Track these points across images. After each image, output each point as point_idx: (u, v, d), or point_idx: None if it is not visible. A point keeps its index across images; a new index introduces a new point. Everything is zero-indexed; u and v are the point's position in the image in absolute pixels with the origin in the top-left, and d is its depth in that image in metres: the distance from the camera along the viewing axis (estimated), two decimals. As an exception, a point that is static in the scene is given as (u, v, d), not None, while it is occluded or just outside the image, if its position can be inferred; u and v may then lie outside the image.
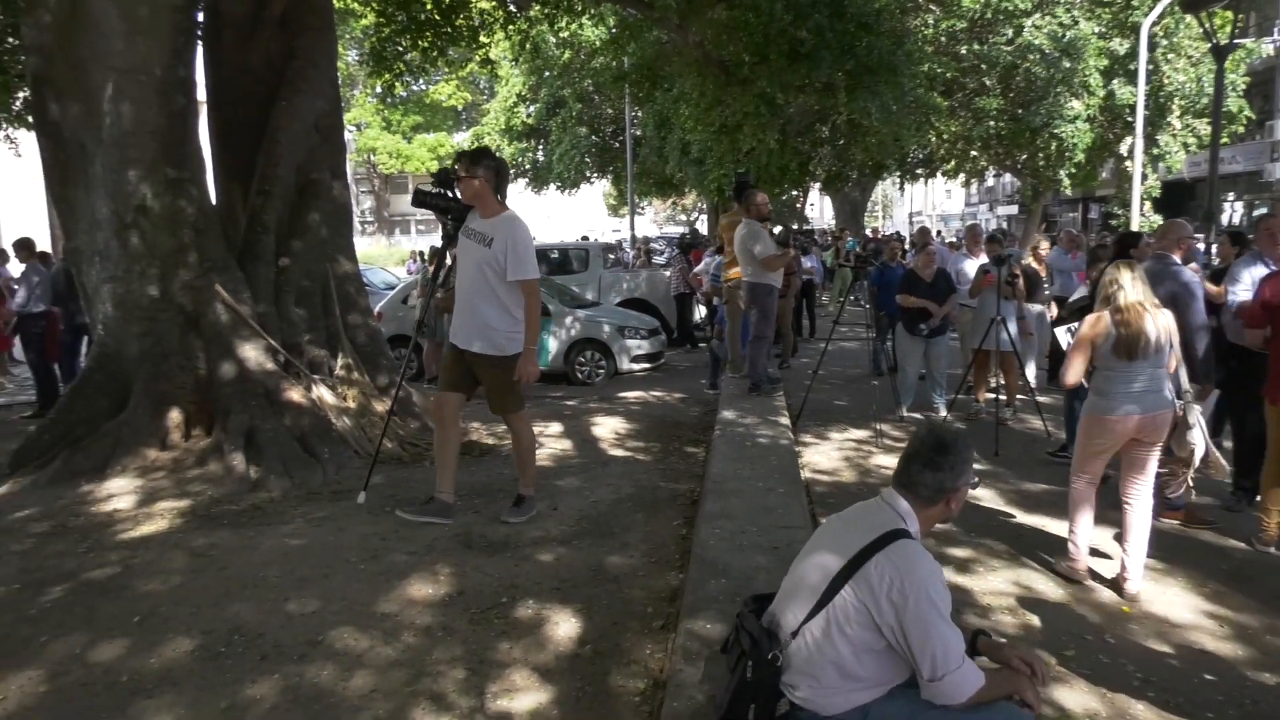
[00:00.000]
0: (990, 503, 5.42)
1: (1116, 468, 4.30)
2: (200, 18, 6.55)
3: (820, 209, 57.63)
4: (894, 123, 13.86)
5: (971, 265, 8.32)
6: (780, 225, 9.51)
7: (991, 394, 7.64)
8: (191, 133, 6.08)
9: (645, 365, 11.41)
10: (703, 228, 32.11)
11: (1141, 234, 6.63)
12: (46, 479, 5.47)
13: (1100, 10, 19.39)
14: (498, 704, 3.02)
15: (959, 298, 7.88)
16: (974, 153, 23.20)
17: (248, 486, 5.37)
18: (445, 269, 5.55)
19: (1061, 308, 7.43)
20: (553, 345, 11.17)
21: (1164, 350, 3.94)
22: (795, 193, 26.06)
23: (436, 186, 4.78)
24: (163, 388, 5.87)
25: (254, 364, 5.93)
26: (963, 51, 19.85)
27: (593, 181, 29.73)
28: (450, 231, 4.76)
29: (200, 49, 6.61)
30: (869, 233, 28.15)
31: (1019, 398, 7.97)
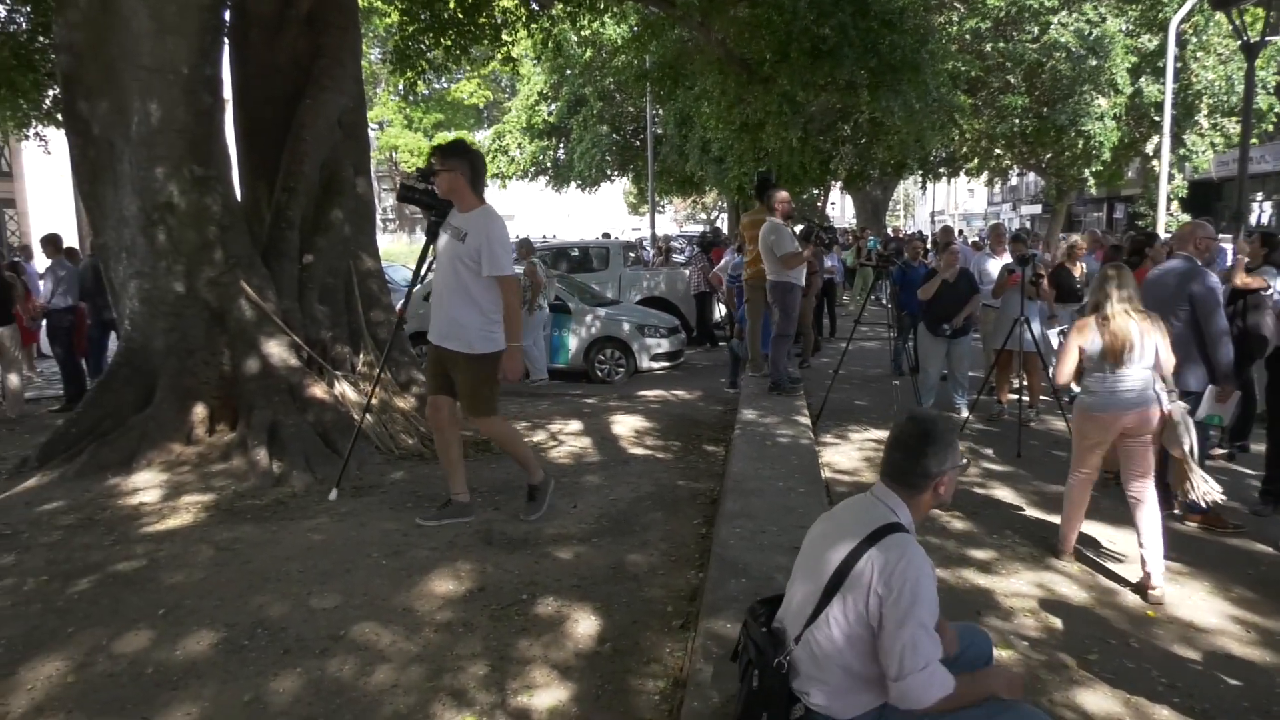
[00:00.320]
0: (1013, 504, 5.38)
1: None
2: (227, 16, 6.61)
3: (841, 208, 57.37)
4: (916, 122, 13.75)
5: (995, 265, 8.25)
6: (804, 221, 9.45)
7: (1014, 395, 7.58)
8: (218, 131, 6.15)
9: (665, 364, 11.41)
10: (724, 226, 32.03)
11: (1156, 235, 6.55)
12: (74, 472, 5.55)
13: (1128, 7, 19.16)
14: (518, 700, 3.03)
15: (982, 298, 7.83)
16: (998, 151, 22.97)
17: (271, 481, 5.42)
18: (427, 266, 5.43)
19: None
20: (573, 343, 11.19)
21: (1150, 353, 4.03)
22: (816, 191, 25.92)
23: (422, 181, 4.71)
24: (188, 383, 5.94)
25: (278, 360, 5.98)
26: (987, 49, 19.66)
27: (613, 180, 29.68)
28: (433, 228, 4.67)
29: (227, 47, 6.67)
30: (889, 232, 27.97)
31: (1042, 399, 7.91)
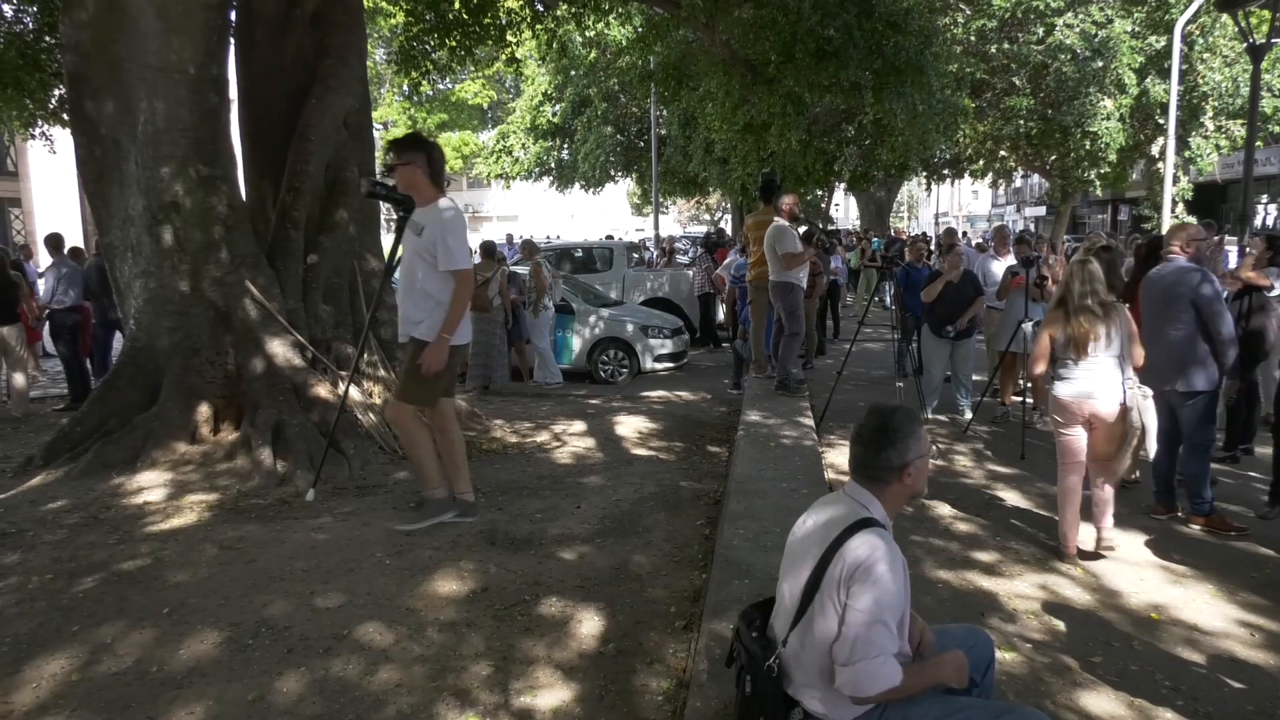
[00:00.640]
0: (1017, 505, 5.38)
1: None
2: (233, 16, 6.62)
3: (845, 209, 57.33)
4: (920, 124, 13.74)
5: (999, 266, 8.25)
6: (807, 223, 9.45)
7: (1018, 397, 7.57)
8: (223, 130, 6.16)
9: (668, 365, 11.42)
10: (727, 227, 32.03)
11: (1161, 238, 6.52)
12: (79, 471, 5.56)
13: (1134, 9, 19.13)
14: (521, 700, 3.04)
15: (986, 299, 7.82)
16: (1003, 153, 22.95)
17: (275, 481, 5.43)
18: (396, 264, 5.29)
19: None
20: (576, 344, 11.20)
21: (1115, 344, 4.25)
22: (820, 193, 25.90)
23: (390, 177, 4.66)
24: (192, 382, 5.95)
25: (282, 359, 5.99)
26: (992, 50, 19.64)
27: (617, 180, 29.67)
28: (400, 224, 4.61)
29: (232, 47, 6.68)
30: (892, 234, 27.94)
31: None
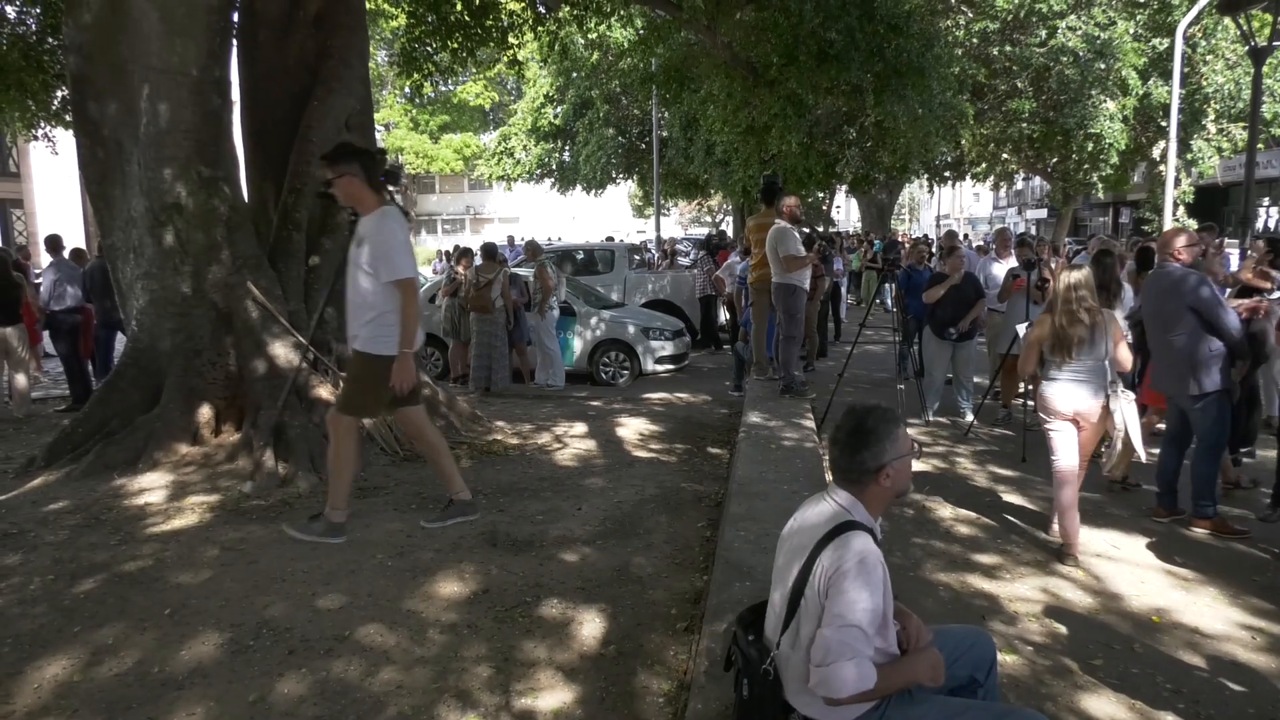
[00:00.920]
0: (1018, 508, 5.38)
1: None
2: (236, 18, 6.63)
3: (846, 211, 57.34)
4: (921, 126, 13.76)
5: (1000, 269, 8.25)
6: (807, 227, 9.45)
7: (1020, 400, 7.57)
8: (225, 132, 6.17)
9: (669, 367, 11.41)
10: (729, 229, 32.04)
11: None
12: (80, 472, 5.57)
13: (1136, 11, 19.13)
14: (522, 702, 3.04)
15: (988, 302, 7.82)
16: (1004, 155, 22.96)
17: (276, 482, 5.44)
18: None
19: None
20: (577, 346, 11.20)
21: (1100, 347, 4.44)
22: (821, 195, 25.92)
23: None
24: (194, 383, 5.95)
25: (284, 361, 5.99)
26: (994, 53, 19.65)
27: (618, 182, 29.68)
28: (352, 226, 4.56)
29: (235, 48, 6.69)
30: (894, 237, 27.93)
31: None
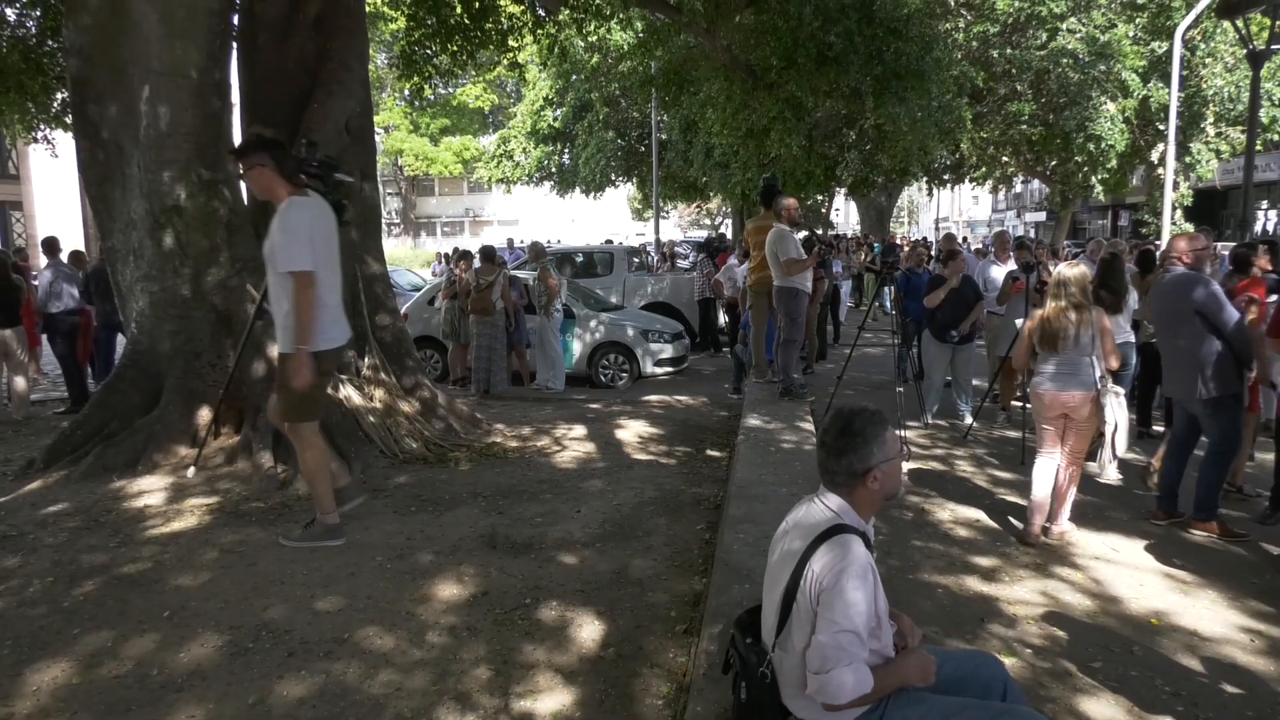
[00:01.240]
0: (1017, 511, 5.37)
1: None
2: (236, 20, 6.63)
3: (846, 214, 57.38)
4: (920, 129, 13.79)
5: (999, 272, 8.26)
6: (806, 230, 9.46)
7: (1018, 403, 7.57)
8: (226, 134, 6.17)
9: (668, 369, 11.42)
10: (728, 232, 32.06)
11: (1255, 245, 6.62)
12: (80, 474, 5.57)
13: (1135, 14, 19.17)
14: (521, 704, 3.04)
15: (987, 304, 7.83)
16: (1004, 158, 22.98)
17: (275, 484, 5.44)
18: None
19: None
20: (577, 348, 11.19)
21: (1085, 343, 4.60)
22: (821, 198, 25.94)
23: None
24: (194, 385, 5.95)
25: (283, 363, 5.99)
26: (994, 55, 19.68)
27: (618, 185, 29.68)
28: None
29: (235, 51, 6.70)
30: (894, 240, 27.97)
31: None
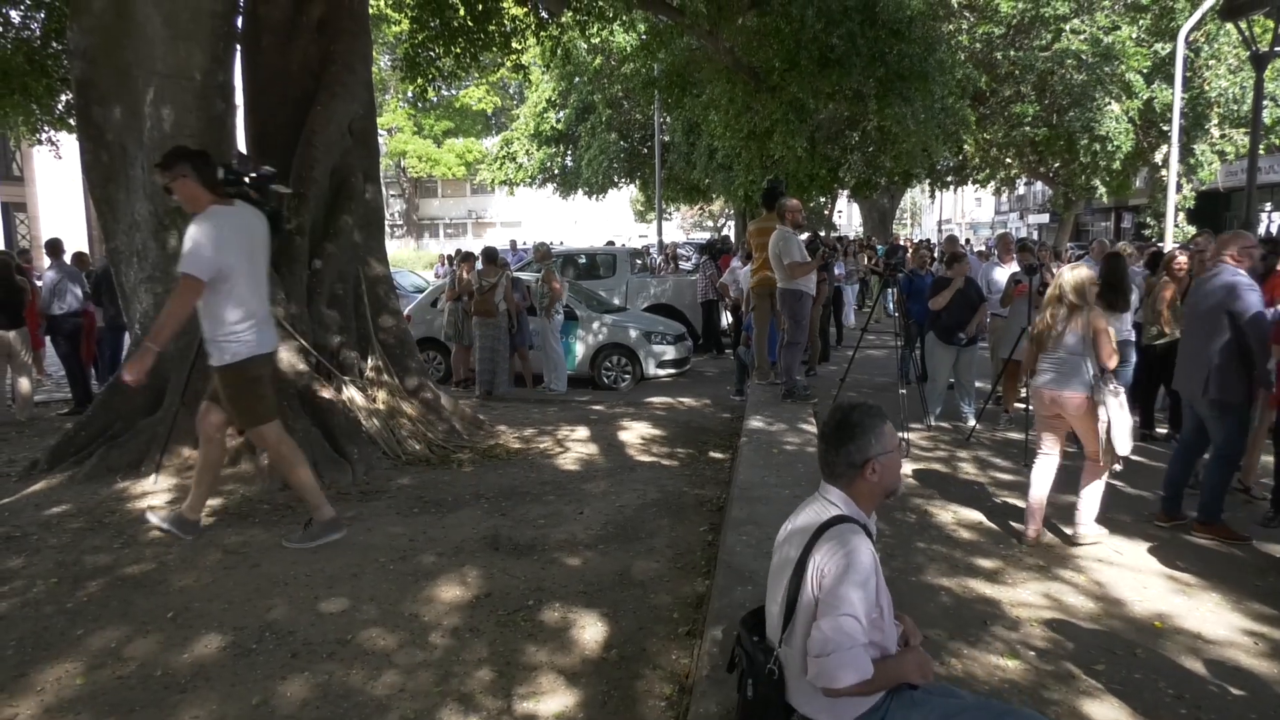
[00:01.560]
0: (1021, 514, 5.36)
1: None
2: (240, 22, 6.65)
3: (849, 216, 57.35)
4: (923, 131, 13.79)
5: (1002, 274, 8.25)
6: (808, 232, 9.46)
7: (1021, 405, 7.57)
8: (229, 136, 6.17)
9: (671, 371, 11.42)
10: (731, 234, 32.05)
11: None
12: (83, 475, 5.58)
13: (1139, 15, 19.16)
14: (524, 706, 3.04)
15: (990, 307, 7.83)
16: (1008, 160, 22.97)
17: (279, 486, 5.44)
18: None
19: None
20: (579, 350, 11.20)
21: (1072, 343, 4.73)
22: (823, 200, 25.94)
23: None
24: (197, 387, 5.95)
25: (286, 364, 5.99)
26: (998, 57, 19.67)
27: (620, 187, 29.68)
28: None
29: (239, 53, 6.71)
30: (898, 242, 27.96)
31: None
